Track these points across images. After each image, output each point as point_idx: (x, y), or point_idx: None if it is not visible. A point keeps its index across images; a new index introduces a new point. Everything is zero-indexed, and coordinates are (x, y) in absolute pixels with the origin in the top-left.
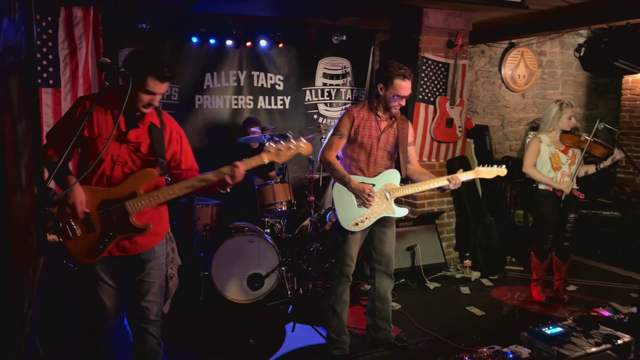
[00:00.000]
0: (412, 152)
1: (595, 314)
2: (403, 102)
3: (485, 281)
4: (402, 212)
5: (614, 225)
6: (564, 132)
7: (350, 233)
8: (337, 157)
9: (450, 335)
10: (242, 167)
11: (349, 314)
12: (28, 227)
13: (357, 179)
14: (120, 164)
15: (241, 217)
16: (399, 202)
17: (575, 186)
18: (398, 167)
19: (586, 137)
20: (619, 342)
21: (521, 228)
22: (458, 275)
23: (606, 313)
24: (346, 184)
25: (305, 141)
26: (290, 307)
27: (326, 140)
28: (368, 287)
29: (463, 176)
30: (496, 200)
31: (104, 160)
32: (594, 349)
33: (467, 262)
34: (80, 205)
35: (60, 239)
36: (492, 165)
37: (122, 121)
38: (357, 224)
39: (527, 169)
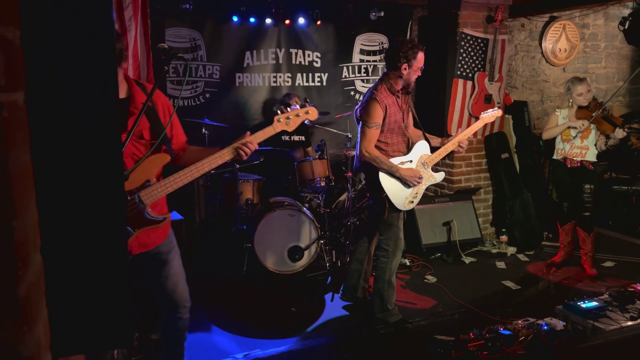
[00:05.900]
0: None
1: (632, 289)
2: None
3: (521, 256)
4: (441, 176)
5: None
6: (579, 107)
7: (401, 212)
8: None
9: (485, 307)
10: (255, 142)
11: None
12: None
13: (395, 161)
14: (128, 156)
15: (281, 192)
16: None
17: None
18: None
19: (596, 113)
20: None
21: (559, 204)
22: (494, 251)
23: None
24: (394, 173)
25: (311, 106)
26: (329, 278)
27: (363, 134)
28: (404, 261)
29: (467, 132)
30: (534, 176)
31: None
32: (629, 323)
33: (503, 238)
34: None
35: None
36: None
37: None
38: (412, 202)
39: (544, 134)
